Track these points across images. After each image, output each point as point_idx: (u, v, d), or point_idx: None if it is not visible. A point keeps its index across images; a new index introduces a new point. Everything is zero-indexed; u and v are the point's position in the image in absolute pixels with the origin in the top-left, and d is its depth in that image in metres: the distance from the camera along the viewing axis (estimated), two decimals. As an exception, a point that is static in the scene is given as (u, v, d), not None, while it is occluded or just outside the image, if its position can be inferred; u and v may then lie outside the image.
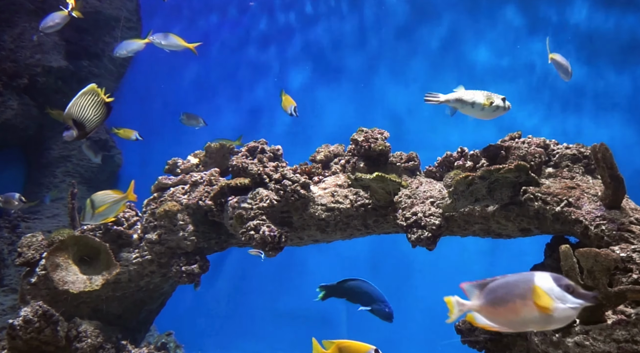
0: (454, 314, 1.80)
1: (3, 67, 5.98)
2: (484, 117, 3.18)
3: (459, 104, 3.13)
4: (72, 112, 2.75)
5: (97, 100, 2.81)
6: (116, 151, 7.04)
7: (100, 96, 2.79)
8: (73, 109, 2.75)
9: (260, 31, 7.12)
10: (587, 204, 2.82)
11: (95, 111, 2.79)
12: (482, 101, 3.05)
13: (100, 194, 3.18)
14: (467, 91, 3.13)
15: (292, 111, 4.14)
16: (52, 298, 3.59)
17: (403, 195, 3.40)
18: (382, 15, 6.58)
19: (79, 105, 2.76)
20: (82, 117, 2.77)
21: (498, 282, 1.73)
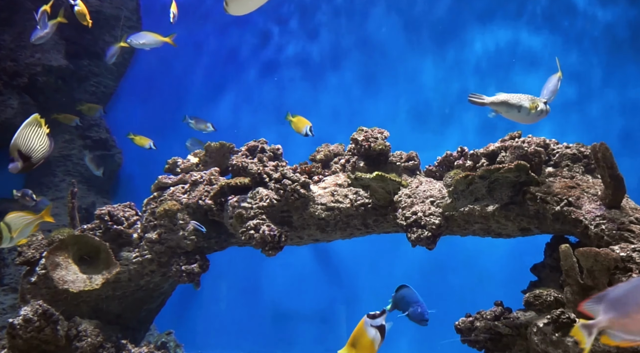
0: (586, 342, 1.64)
1: (3, 66, 5.98)
2: (527, 121, 3.09)
3: (503, 108, 3.05)
4: (18, 143, 2.75)
5: (41, 131, 2.82)
6: (116, 150, 7.05)
7: (42, 128, 2.82)
8: (18, 141, 2.76)
9: (260, 30, 7.12)
10: (587, 203, 2.83)
11: (40, 141, 2.79)
12: (528, 105, 2.98)
13: (14, 216, 3.15)
14: (512, 94, 3.04)
15: (307, 131, 4.08)
16: (52, 298, 3.59)
17: (403, 195, 3.40)
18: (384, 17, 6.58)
19: (24, 136, 2.75)
20: (28, 149, 2.78)
21: (622, 290, 1.57)
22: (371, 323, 2.35)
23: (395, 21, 6.44)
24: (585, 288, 2.29)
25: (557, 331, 2.42)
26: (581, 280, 2.29)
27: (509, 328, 3.03)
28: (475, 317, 3.23)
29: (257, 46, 7.06)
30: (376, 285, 5.87)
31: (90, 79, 6.79)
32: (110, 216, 3.77)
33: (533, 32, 5.99)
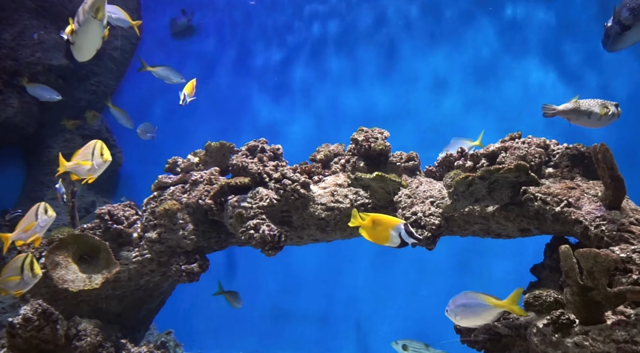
0: None
1: (3, 65, 5.98)
2: (597, 126, 3.08)
3: (574, 115, 3.05)
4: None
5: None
6: (116, 149, 7.05)
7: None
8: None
9: (260, 29, 7.11)
10: (587, 204, 2.82)
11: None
12: (599, 111, 2.97)
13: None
14: (581, 100, 3.01)
15: (185, 96, 4.00)
16: (51, 297, 3.59)
17: (403, 195, 3.40)
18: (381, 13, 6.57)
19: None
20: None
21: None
22: (401, 232, 2.49)
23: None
24: (585, 289, 2.29)
25: (556, 332, 2.42)
26: (581, 281, 2.29)
27: (509, 328, 3.03)
28: (474, 318, 3.23)
29: (260, 43, 7.06)
30: (376, 285, 5.87)
31: (91, 78, 6.79)
32: (110, 216, 3.77)
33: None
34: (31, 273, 3.15)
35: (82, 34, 2.83)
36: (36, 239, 3.20)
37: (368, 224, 2.63)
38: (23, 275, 3.14)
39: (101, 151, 3.12)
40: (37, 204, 3.21)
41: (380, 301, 5.79)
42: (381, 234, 2.58)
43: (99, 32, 2.82)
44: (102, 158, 3.12)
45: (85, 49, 2.91)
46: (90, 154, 3.10)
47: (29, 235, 3.17)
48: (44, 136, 6.55)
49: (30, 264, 3.16)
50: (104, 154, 3.11)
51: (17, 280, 3.13)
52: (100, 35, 2.86)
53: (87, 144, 3.19)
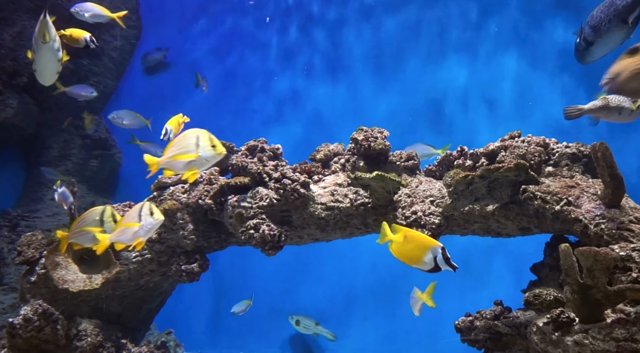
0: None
1: (2, 65, 5.97)
2: (628, 120, 3.00)
3: (603, 113, 2.97)
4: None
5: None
6: (116, 150, 7.04)
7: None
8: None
9: (259, 27, 7.11)
10: (587, 203, 2.83)
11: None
12: (630, 106, 2.88)
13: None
14: (608, 97, 2.93)
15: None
16: (52, 297, 3.59)
17: (403, 194, 3.40)
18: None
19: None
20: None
21: None
22: (437, 256, 2.25)
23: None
24: (584, 287, 2.29)
25: (556, 330, 2.42)
26: (581, 279, 2.29)
27: (509, 327, 3.04)
28: (475, 316, 3.24)
29: (258, 42, 7.06)
30: (376, 285, 5.87)
31: (90, 78, 6.78)
32: (110, 216, 3.77)
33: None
34: (112, 221, 2.80)
35: (38, 60, 2.93)
36: (139, 243, 2.72)
37: (399, 239, 2.34)
38: (105, 227, 2.80)
39: (211, 142, 2.54)
40: (141, 204, 2.74)
41: (381, 301, 5.79)
42: (412, 253, 2.29)
43: (52, 56, 2.90)
44: (213, 150, 2.54)
45: (45, 74, 3.01)
46: (194, 146, 2.54)
47: (131, 238, 2.69)
48: (44, 136, 6.55)
49: (113, 215, 2.80)
50: (215, 144, 2.53)
51: (96, 233, 2.76)
52: (56, 58, 2.92)
53: (185, 133, 2.63)
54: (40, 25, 2.82)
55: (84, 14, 4.21)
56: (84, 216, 2.91)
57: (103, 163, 6.85)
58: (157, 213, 2.67)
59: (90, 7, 4.24)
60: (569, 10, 5.68)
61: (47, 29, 2.81)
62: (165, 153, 2.64)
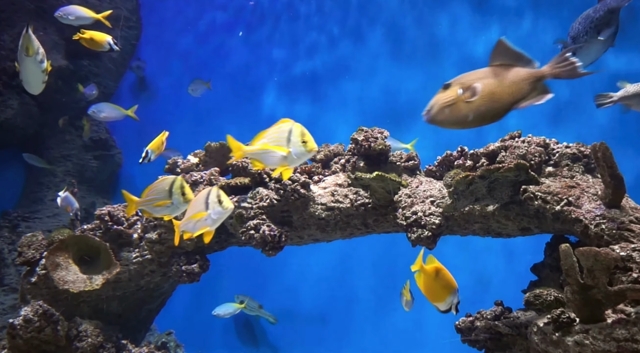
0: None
1: (3, 66, 5.98)
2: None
3: (636, 100, 2.91)
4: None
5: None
6: (116, 150, 7.04)
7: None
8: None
9: (260, 26, 7.11)
10: (587, 203, 2.83)
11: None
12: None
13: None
14: (637, 83, 2.88)
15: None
16: (52, 298, 3.59)
17: (403, 194, 3.40)
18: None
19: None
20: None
21: None
22: (454, 300, 2.32)
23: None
24: (585, 287, 2.29)
25: (557, 331, 2.42)
26: (581, 280, 2.29)
27: (509, 327, 3.03)
28: (475, 317, 3.23)
29: (258, 42, 7.06)
30: (376, 285, 5.87)
31: (90, 79, 6.77)
32: (110, 217, 3.77)
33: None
34: (182, 198, 2.59)
35: (23, 72, 3.07)
36: (207, 233, 2.55)
37: (431, 274, 2.35)
38: (173, 199, 2.63)
39: (302, 137, 2.33)
40: (207, 190, 2.56)
41: (381, 301, 5.79)
42: (438, 292, 2.32)
43: (35, 68, 3.02)
44: (304, 147, 2.34)
45: (31, 84, 3.16)
46: (286, 140, 2.35)
47: (198, 226, 2.54)
48: (44, 137, 6.55)
49: (182, 188, 2.62)
50: (306, 140, 2.33)
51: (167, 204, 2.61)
52: (40, 69, 3.03)
53: (279, 124, 2.43)
54: (23, 39, 2.92)
55: (67, 16, 4.23)
56: (155, 186, 2.75)
57: (103, 163, 6.85)
58: (226, 201, 2.48)
59: (73, 10, 4.27)
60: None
61: (30, 43, 2.92)
62: (254, 141, 2.42)
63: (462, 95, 1.99)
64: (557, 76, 2.00)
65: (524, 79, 1.99)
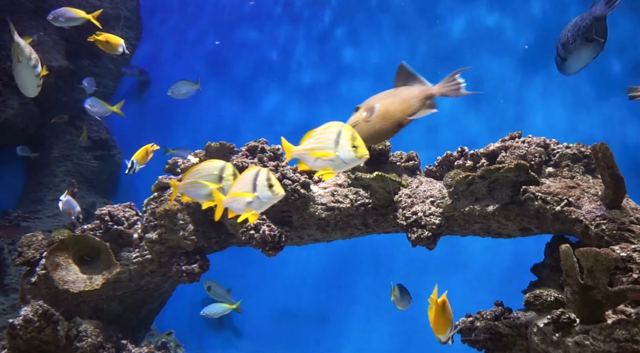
0: None
1: (3, 66, 5.97)
2: None
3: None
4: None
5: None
6: (116, 150, 7.04)
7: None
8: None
9: (260, 25, 7.11)
10: (587, 203, 2.83)
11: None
12: None
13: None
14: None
15: (133, 164, 3.90)
16: (52, 298, 3.59)
17: (403, 194, 3.40)
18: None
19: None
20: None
21: None
22: (452, 335, 2.45)
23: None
24: (585, 288, 2.29)
25: (557, 331, 2.42)
26: (581, 280, 2.29)
27: (509, 328, 3.03)
28: (475, 317, 3.23)
29: (258, 42, 7.06)
30: (376, 285, 5.87)
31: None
32: (111, 217, 3.77)
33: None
34: (232, 181, 2.35)
35: (17, 77, 3.23)
36: (252, 215, 2.34)
37: (439, 307, 2.44)
38: (224, 185, 2.42)
39: (352, 141, 2.14)
40: (256, 170, 2.32)
41: (381, 301, 5.79)
42: (443, 326, 2.42)
43: (29, 73, 3.16)
44: (354, 153, 2.14)
45: (25, 88, 3.28)
46: (334, 142, 2.17)
47: (243, 208, 2.32)
48: (44, 137, 6.55)
49: (235, 174, 2.39)
50: (357, 145, 2.14)
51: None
52: (34, 74, 3.18)
53: (328, 125, 2.23)
54: (13, 48, 3.06)
55: (59, 19, 4.32)
56: (201, 167, 2.51)
57: (103, 163, 6.85)
58: (277, 185, 2.26)
59: (64, 12, 4.31)
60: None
61: (19, 51, 3.06)
62: (302, 140, 2.28)
63: (363, 116, 2.26)
64: (444, 94, 2.24)
65: (415, 97, 2.23)
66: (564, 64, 3.51)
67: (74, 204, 4.15)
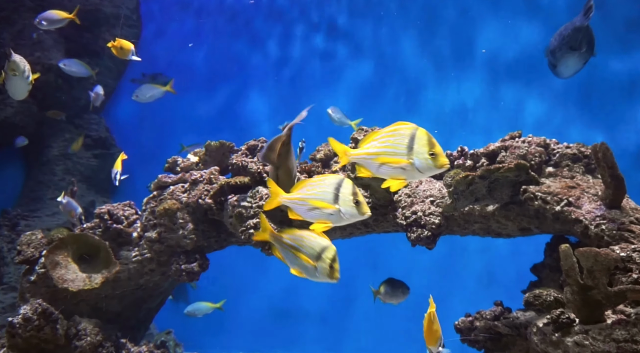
0: None
1: (2, 64, 5.97)
2: None
3: None
4: None
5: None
6: (116, 149, 7.04)
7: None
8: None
9: (259, 25, 7.11)
10: (587, 203, 2.82)
11: None
12: None
13: None
14: None
15: (113, 176, 4.00)
16: (51, 296, 3.59)
17: (403, 194, 3.40)
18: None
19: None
20: None
21: None
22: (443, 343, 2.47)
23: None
24: (585, 288, 2.29)
25: (557, 331, 2.42)
26: (581, 280, 2.29)
27: (509, 328, 3.03)
28: (475, 317, 3.23)
29: (258, 42, 7.06)
30: (376, 284, 5.87)
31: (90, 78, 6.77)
32: (110, 215, 3.77)
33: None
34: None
35: (8, 85, 3.57)
36: (324, 225, 2.07)
37: (433, 316, 2.45)
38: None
39: (430, 147, 1.86)
40: (339, 179, 2.05)
41: (380, 301, 5.79)
42: (433, 335, 2.43)
43: (21, 83, 3.52)
44: (433, 161, 1.85)
45: (16, 94, 3.63)
46: (406, 148, 1.87)
47: (319, 217, 2.09)
48: (44, 135, 6.54)
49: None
50: (436, 153, 1.86)
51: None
52: (25, 83, 3.52)
53: (397, 126, 1.94)
54: (9, 65, 3.42)
55: (42, 22, 4.46)
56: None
57: (103, 162, 6.84)
58: (363, 203, 1.98)
59: (46, 15, 4.47)
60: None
61: (15, 67, 3.42)
62: (363, 143, 1.99)
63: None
64: (292, 125, 2.75)
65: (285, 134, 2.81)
66: (556, 70, 3.71)
67: (75, 206, 4.14)
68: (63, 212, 4.31)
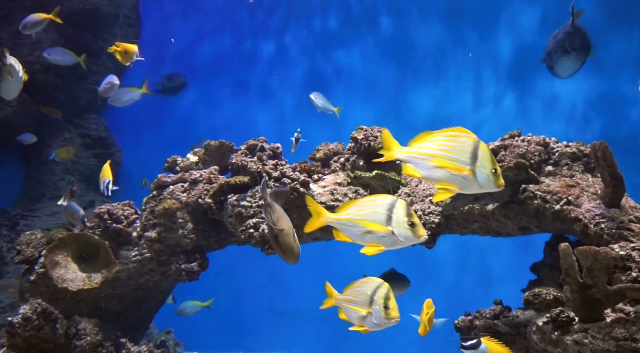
0: None
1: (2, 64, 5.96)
2: None
3: None
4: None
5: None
6: (115, 149, 7.04)
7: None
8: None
9: (258, 26, 7.10)
10: (587, 202, 2.83)
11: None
12: None
13: None
14: None
15: (104, 186, 4.02)
16: (51, 296, 3.59)
17: (402, 193, 3.40)
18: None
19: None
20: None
21: None
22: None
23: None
24: (584, 286, 2.29)
25: (556, 330, 2.42)
26: (580, 279, 2.29)
27: (508, 326, 3.04)
28: (474, 316, 3.24)
29: (256, 42, 7.06)
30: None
31: (89, 77, 6.77)
32: (110, 215, 3.77)
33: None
34: (385, 312, 2.14)
35: (3, 89, 3.69)
36: (374, 250, 2.11)
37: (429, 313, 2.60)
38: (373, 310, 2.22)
39: (493, 164, 1.79)
40: (392, 200, 1.98)
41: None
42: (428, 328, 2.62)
43: (14, 84, 3.67)
44: (494, 178, 1.79)
45: (9, 94, 3.76)
46: (469, 158, 1.78)
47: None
48: (43, 135, 6.53)
49: (386, 298, 2.20)
50: (498, 171, 1.81)
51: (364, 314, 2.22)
52: (18, 83, 3.68)
53: (453, 132, 1.83)
54: (5, 69, 3.53)
55: (27, 25, 4.52)
56: (358, 285, 2.43)
57: (102, 161, 6.83)
58: (419, 225, 1.89)
59: (28, 19, 4.53)
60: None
61: (11, 69, 3.53)
62: (414, 142, 1.91)
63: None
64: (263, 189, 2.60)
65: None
66: (553, 71, 3.84)
67: (77, 208, 4.12)
68: (65, 215, 4.29)
